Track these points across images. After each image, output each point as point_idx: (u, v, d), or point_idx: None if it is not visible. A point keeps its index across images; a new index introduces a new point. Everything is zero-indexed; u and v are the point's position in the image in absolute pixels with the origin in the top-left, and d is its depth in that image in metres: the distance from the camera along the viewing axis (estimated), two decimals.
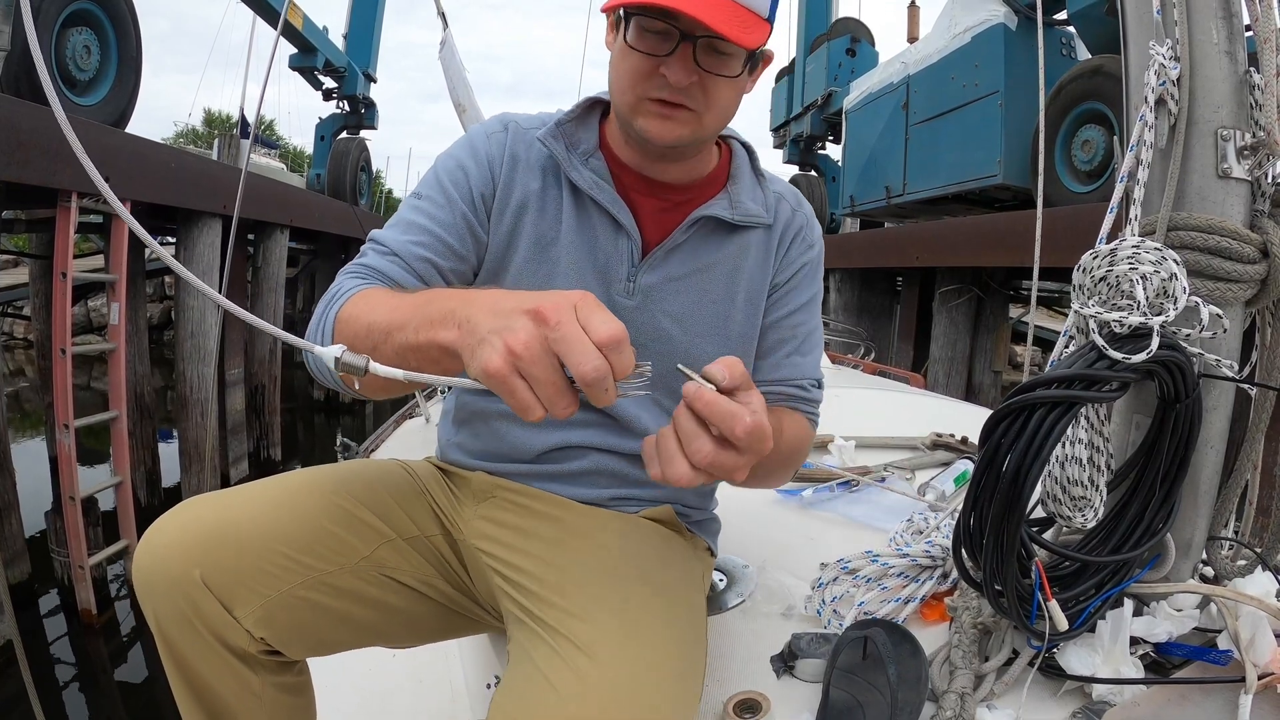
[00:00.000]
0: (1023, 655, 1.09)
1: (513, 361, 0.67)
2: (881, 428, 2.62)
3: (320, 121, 14.99)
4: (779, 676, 1.18)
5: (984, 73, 7.42)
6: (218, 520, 0.97)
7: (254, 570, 0.96)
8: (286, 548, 0.98)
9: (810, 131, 14.10)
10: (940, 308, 7.63)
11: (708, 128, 1.05)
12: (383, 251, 1.06)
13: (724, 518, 1.40)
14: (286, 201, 9.80)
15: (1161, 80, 1.09)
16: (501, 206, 1.12)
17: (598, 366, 0.66)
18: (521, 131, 1.14)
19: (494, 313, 0.71)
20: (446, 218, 1.09)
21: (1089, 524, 1.06)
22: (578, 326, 0.67)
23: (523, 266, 1.12)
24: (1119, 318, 0.94)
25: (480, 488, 1.20)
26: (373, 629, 1.09)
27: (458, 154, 1.14)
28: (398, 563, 1.08)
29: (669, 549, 1.15)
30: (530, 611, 0.98)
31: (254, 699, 1.01)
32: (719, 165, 1.20)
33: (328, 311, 0.97)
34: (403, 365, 0.79)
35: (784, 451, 1.09)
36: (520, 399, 0.68)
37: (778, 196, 1.21)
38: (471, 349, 0.71)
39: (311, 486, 1.06)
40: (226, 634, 0.95)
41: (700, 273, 1.15)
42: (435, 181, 1.12)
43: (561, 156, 1.11)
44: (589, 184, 1.11)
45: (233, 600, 0.95)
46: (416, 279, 1.05)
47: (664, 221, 1.15)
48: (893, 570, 1.34)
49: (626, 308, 1.12)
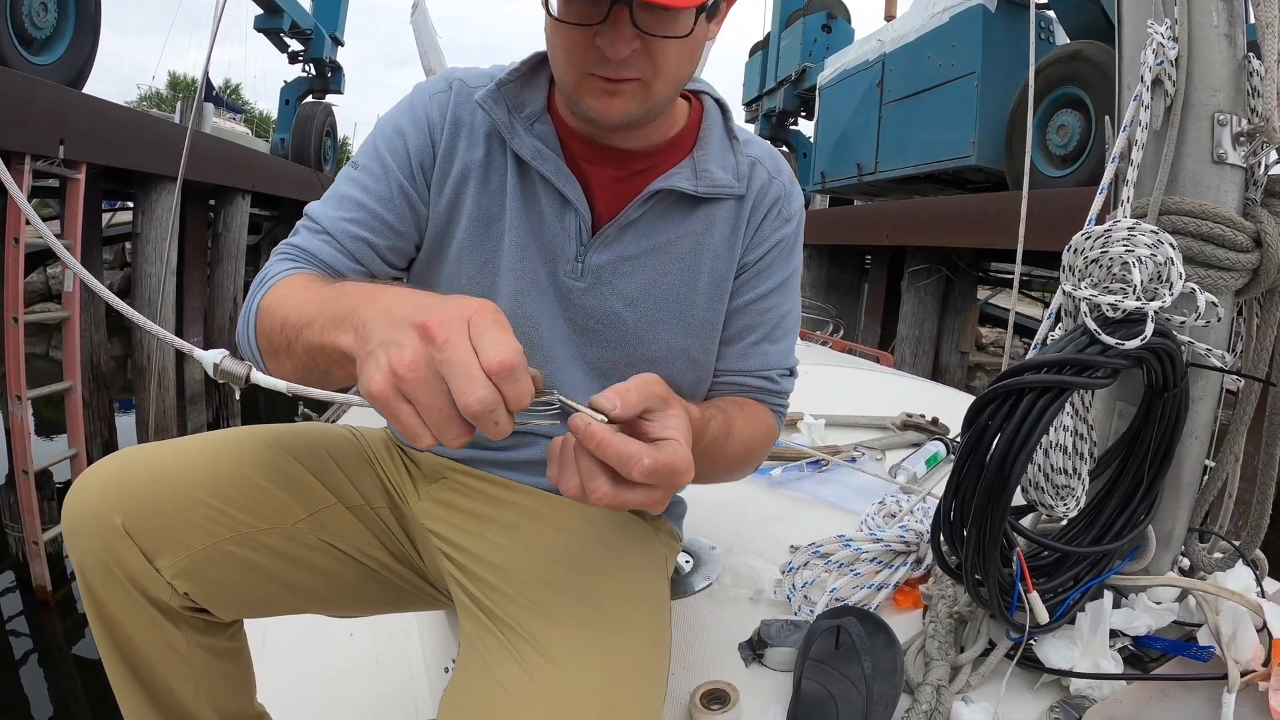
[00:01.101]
0: (999, 646, 1.06)
1: (395, 384, 0.60)
2: (851, 406, 2.59)
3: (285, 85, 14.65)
4: (747, 665, 1.15)
5: (961, 53, 7.39)
6: (146, 467, 0.92)
7: (179, 520, 0.90)
8: (216, 500, 0.93)
9: (783, 106, 14.02)
10: (909, 287, 7.64)
11: (659, 96, 0.92)
12: (315, 229, 0.98)
13: (689, 496, 1.33)
14: (249, 166, 9.55)
15: (1159, 60, 1.05)
16: (441, 176, 1.01)
17: (482, 399, 0.58)
18: (466, 91, 1.02)
19: (388, 321, 0.63)
20: (382, 190, 0.99)
21: (1071, 513, 1.02)
22: (467, 348, 0.59)
23: (464, 244, 1.02)
24: (1114, 301, 0.90)
25: (431, 468, 1.13)
26: (310, 595, 1.03)
27: (396, 117, 1.03)
28: (339, 530, 1.02)
29: (630, 533, 1.08)
30: (480, 602, 0.92)
31: (179, 658, 0.96)
32: (686, 126, 1.06)
33: (253, 300, 0.90)
34: (311, 366, 0.73)
35: (732, 454, 1.00)
36: (405, 425, 0.60)
37: (752, 161, 1.07)
38: (361, 362, 0.64)
39: (250, 442, 1.00)
40: (148, 585, 0.90)
41: (657, 251, 1.03)
42: (372, 149, 1.02)
43: (502, 123, 0.99)
44: (532, 153, 0.99)
45: (155, 550, 0.89)
46: (350, 260, 0.97)
47: (619, 193, 1.02)
48: (865, 555, 1.31)
49: (576, 290, 1.02)
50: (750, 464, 1.08)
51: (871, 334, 8.55)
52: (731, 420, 0.98)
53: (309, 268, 0.95)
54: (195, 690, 0.98)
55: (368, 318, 0.65)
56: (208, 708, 1.00)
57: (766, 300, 1.09)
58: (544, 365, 1.02)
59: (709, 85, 1.11)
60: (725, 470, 1.03)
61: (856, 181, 9.78)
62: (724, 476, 1.06)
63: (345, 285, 0.78)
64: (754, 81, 15.62)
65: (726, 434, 0.96)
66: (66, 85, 5.67)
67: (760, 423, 1.06)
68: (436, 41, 6.51)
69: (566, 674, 0.79)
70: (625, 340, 1.04)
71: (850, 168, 9.82)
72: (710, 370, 1.09)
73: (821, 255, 10.04)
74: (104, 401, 6.66)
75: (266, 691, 1.16)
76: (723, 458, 0.97)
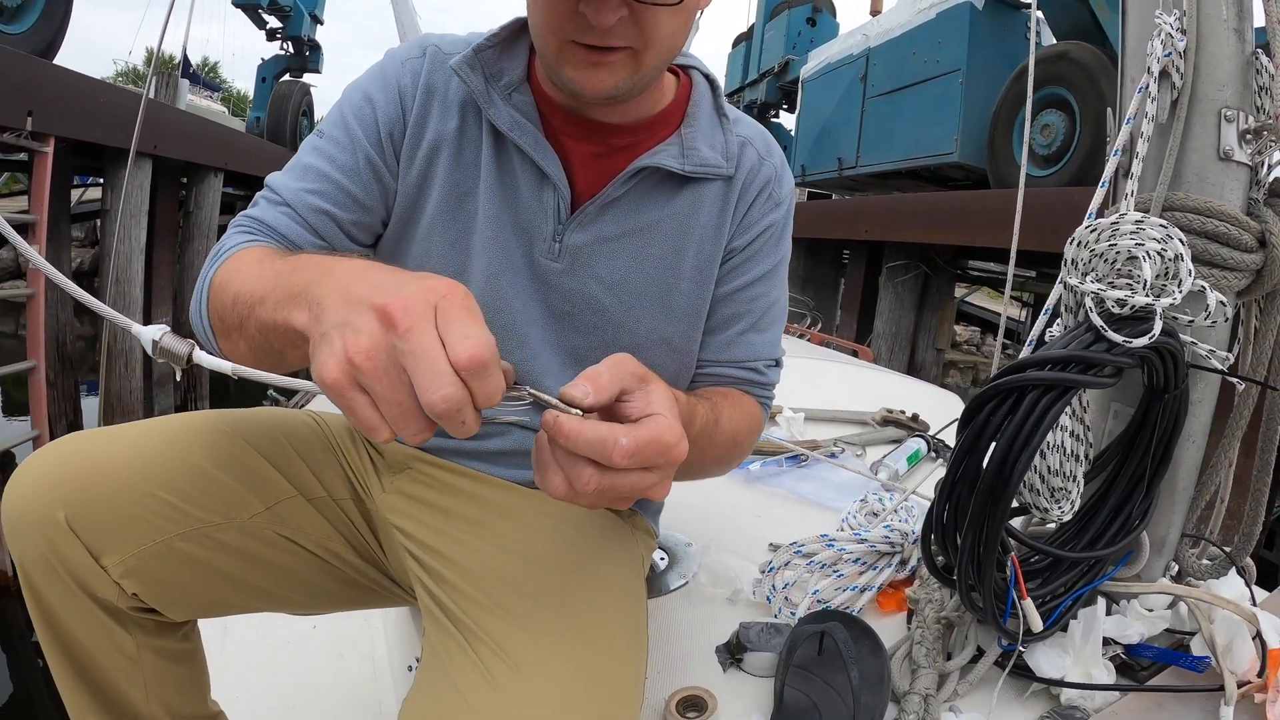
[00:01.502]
0: (988, 654, 1.02)
1: (351, 373, 0.54)
2: (830, 400, 2.55)
3: (263, 63, 14.46)
4: (725, 670, 1.10)
5: (947, 50, 7.39)
6: (91, 458, 0.85)
7: (126, 515, 0.84)
8: (166, 493, 0.86)
9: (765, 99, 13.97)
10: (887, 283, 7.63)
11: (648, 68, 0.85)
12: (274, 201, 0.92)
13: None
14: (222, 144, 9.35)
15: (1167, 51, 1.01)
16: (412, 146, 0.95)
17: (448, 397, 0.52)
18: (441, 57, 0.96)
19: (343, 300, 0.57)
20: (348, 161, 0.93)
21: (1065, 517, 0.99)
22: (433, 338, 0.53)
23: (435, 220, 0.96)
24: (1123, 296, 0.85)
25: (395, 458, 1.07)
26: (268, 593, 0.97)
27: (366, 84, 0.96)
28: (298, 524, 0.96)
29: (604, 530, 1.02)
30: (444, 605, 0.86)
31: (129, 662, 0.90)
32: (674, 101, 1.00)
33: (206, 276, 0.84)
34: (265, 347, 0.67)
35: (720, 445, 0.94)
36: (360, 417, 0.54)
37: (743, 141, 1.01)
38: (314, 345, 0.58)
39: (204, 430, 0.93)
40: (93, 584, 0.84)
41: (640, 232, 0.97)
42: (339, 117, 0.96)
43: (479, 91, 0.93)
44: (509, 124, 0.92)
45: (101, 547, 0.83)
46: (311, 234, 0.91)
47: (601, 170, 0.96)
48: (849, 556, 1.27)
49: (552, 271, 0.96)
50: (736, 457, 1.02)
51: (848, 329, 8.54)
52: (719, 410, 0.92)
53: (267, 241, 0.88)
54: (146, 694, 0.93)
55: (322, 294, 0.59)
56: (159, 710, 0.95)
57: (754, 288, 1.04)
58: (517, 351, 0.97)
59: (698, 60, 1.05)
60: (713, 463, 0.97)
61: (837, 175, 9.77)
62: (710, 470, 1.00)
63: (301, 258, 0.72)
64: (736, 73, 15.56)
65: (714, 423, 0.90)
66: (36, 56, 5.52)
67: (747, 414, 1.01)
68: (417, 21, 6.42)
69: (534, 686, 0.73)
70: (603, 326, 0.98)
71: (831, 161, 9.81)
72: (693, 359, 1.04)
73: (799, 249, 9.98)
74: (69, 382, 6.50)
75: (224, 686, 1.11)
76: (711, 449, 0.91)
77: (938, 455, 2.10)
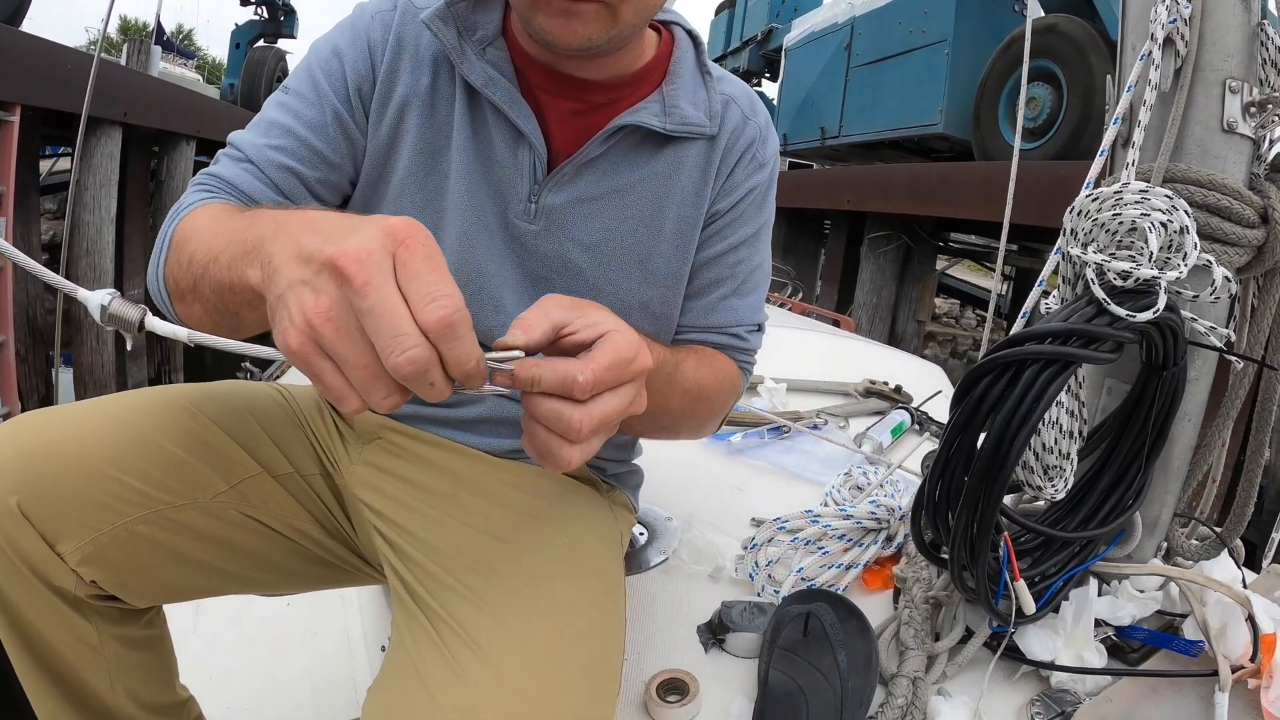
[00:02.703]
0: (978, 634, 1.00)
1: (311, 336, 0.49)
2: (813, 371, 2.52)
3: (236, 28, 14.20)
4: (707, 650, 1.07)
5: (933, 20, 7.31)
6: (42, 440, 0.80)
7: (82, 499, 0.79)
8: (123, 474, 0.81)
9: (747, 67, 13.84)
10: (868, 254, 7.60)
11: (625, 22, 0.81)
12: (237, 157, 0.87)
13: (644, 463, 1.24)
14: (194, 111, 9.18)
15: (1172, 17, 0.97)
16: (382, 102, 0.91)
17: (413, 358, 0.48)
18: (413, 10, 0.91)
19: (295, 256, 0.52)
20: (315, 116, 0.88)
21: (1058, 495, 0.96)
22: (391, 291, 0.48)
23: (405, 179, 0.92)
24: (1127, 268, 0.82)
25: (364, 427, 1.02)
26: (233, 575, 0.93)
27: (334, 38, 0.92)
28: (264, 502, 0.92)
29: (582, 506, 0.98)
30: (411, 588, 0.82)
31: (92, 652, 0.85)
32: (655, 58, 0.96)
33: (163, 238, 0.79)
34: (221, 308, 0.62)
35: (685, 394, 0.90)
36: (328, 384, 0.50)
37: (726, 100, 0.97)
38: (272, 310, 0.53)
39: (163, 406, 0.88)
40: (50, 573, 0.79)
41: (619, 193, 0.93)
42: (306, 72, 0.91)
43: (451, 45, 0.88)
44: (483, 80, 0.88)
45: (56, 533, 0.78)
46: (274, 191, 0.86)
47: (579, 128, 0.92)
48: (834, 532, 1.24)
49: (528, 233, 0.93)
50: (706, 413, 0.98)
51: (828, 299, 8.52)
52: (680, 356, 0.89)
53: (226, 198, 0.83)
54: (111, 684, 0.88)
55: (273, 251, 0.54)
56: (126, 700, 0.90)
57: (737, 252, 1.00)
58: (492, 316, 0.92)
59: (679, 15, 1.00)
60: (681, 415, 0.93)
61: (819, 145, 9.70)
62: (680, 424, 0.96)
63: (258, 212, 0.67)
64: (719, 40, 15.42)
65: (675, 366, 0.87)
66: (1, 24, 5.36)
67: (718, 370, 0.97)
68: None
69: (502, 675, 0.69)
70: (581, 290, 0.94)
71: (813, 131, 9.72)
72: (673, 324, 1.00)
73: (780, 218, 9.92)
74: (40, 357, 6.40)
75: (196, 668, 1.07)
76: (674, 395, 0.88)
77: (922, 428, 2.08)
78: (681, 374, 0.88)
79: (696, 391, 0.92)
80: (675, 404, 0.89)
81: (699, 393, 0.92)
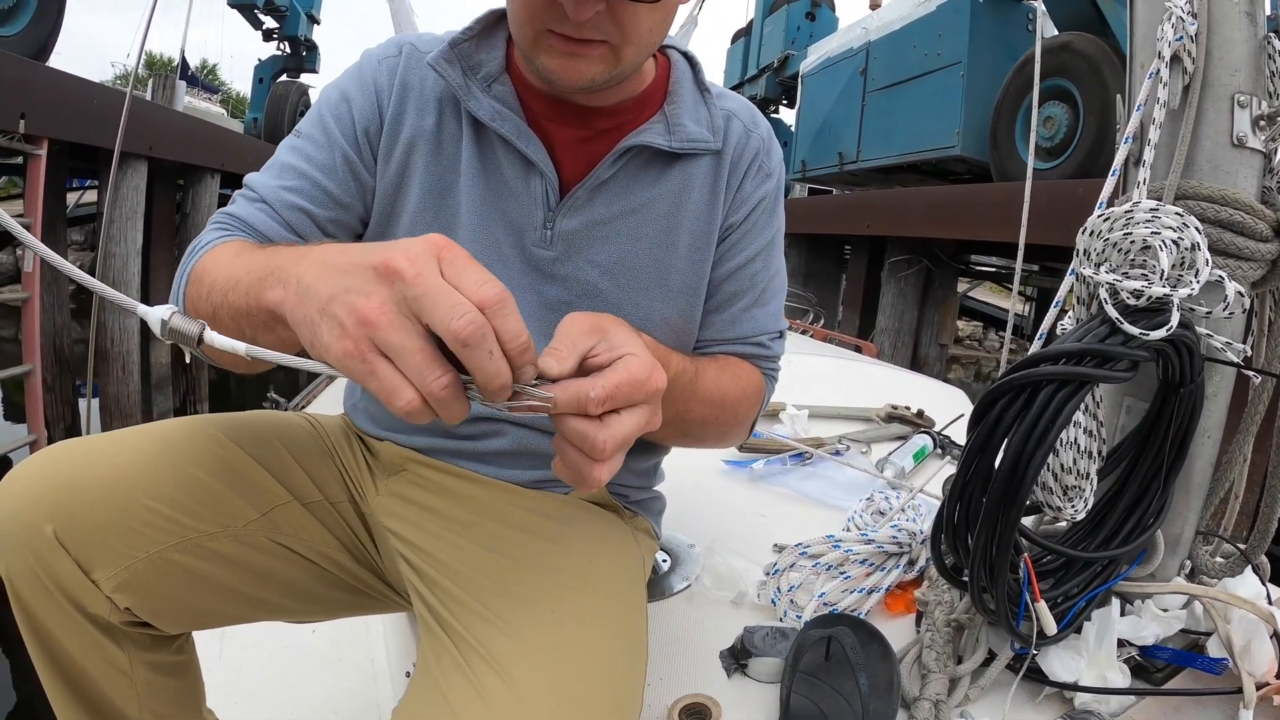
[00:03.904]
0: (1000, 657, 1.00)
1: (366, 334, 0.52)
2: (834, 397, 2.52)
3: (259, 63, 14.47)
4: (730, 675, 1.07)
5: (947, 43, 7.32)
6: (79, 468, 0.82)
7: (117, 527, 0.81)
8: (158, 503, 0.83)
9: (764, 94, 13.91)
10: (889, 278, 7.58)
11: (628, 62, 0.84)
12: (252, 198, 0.91)
13: (667, 491, 1.25)
14: (218, 144, 9.33)
15: (1179, 35, 0.98)
16: (389, 144, 0.95)
17: (472, 320, 0.51)
18: (417, 55, 0.96)
19: (332, 271, 0.55)
20: (325, 159, 0.93)
21: (1078, 515, 0.96)
22: (443, 280, 0.53)
23: (416, 216, 0.95)
24: (1139, 287, 0.82)
25: (390, 460, 1.05)
26: (264, 602, 0.94)
27: (343, 84, 0.96)
28: (294, 530, 0.94)
29: (605, 533, 0.99)
30: (437, 612, 0.84)
31: (122, 677, 0.87)
32: (655, 81, 0.99)
33: (183, 271, 0.83)
34: (238, 334, 0.64)
35: (706, 401, 0.93)
36: (382, 379, 0.53)
37: (727, 115, 1.00)
38: (311, 326, 0.56)
39: (194, 435, 0.90)
40: (84, 600, 0.81)
41: (633, 214, 0.96)
42: (317, 117, 0.96)
43: (457, 84, 0.92)
44: (490, 114, 0.92)
45: (91, 561, 0.80)
46: (287, 230, 0.90)
47: (587, 153, 0.95)
48: (856, 557, 1.24)
49: (545, 259, 0.95)
50: (730, 420, 1.00)
51: (850, 325, 8.50)
52: (699, 364, 0.93)
53: (243, 236, 0.87)
54: (139, 708, 0.90)
55: (302, 272, 0.57)
56: None
57: (754, 263, 1.04)
58: None
59: (674, 39, 1.03)
60: (701, 422, 0.95)
61: (838, 170, 9.71)
62: (702, 432, 0.98)
63: (276, 247, 0.71)
64: (736, 68, 15.51)
65: (694, 374, 0.90)
66: (29, 59, 5.49)
67: (739, 377, 1.00)
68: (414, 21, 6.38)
69: (526, 698, 0.70)
70: (601, 310, 0.95)
71: (832, 157, 9.74)
72: (693, 335, 1.03)
73: (800, 244, 9.97)
74: (67, 386, 6.47)
75: (221, 693, 1.09)
76: (695, 403, 0.90)
77: (944, 452, 2.07)
78: (702, 382, 0.91)
79: (718, 399, 0.95)
80: (696, 411, 0.92)
81: (720, 400, 0.95)
